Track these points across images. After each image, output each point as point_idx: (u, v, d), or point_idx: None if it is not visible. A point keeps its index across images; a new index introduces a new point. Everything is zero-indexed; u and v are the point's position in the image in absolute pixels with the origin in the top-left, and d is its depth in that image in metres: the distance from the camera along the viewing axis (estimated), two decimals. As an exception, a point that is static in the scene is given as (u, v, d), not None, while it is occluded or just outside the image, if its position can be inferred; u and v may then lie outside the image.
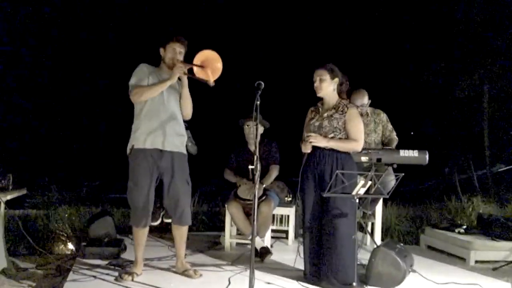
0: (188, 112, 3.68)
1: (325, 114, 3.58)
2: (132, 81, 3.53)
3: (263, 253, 4.22)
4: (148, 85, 3.49)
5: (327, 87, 3.56)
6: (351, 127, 3.52)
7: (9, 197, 3.89)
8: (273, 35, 10.46)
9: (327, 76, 3.54)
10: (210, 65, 3.44)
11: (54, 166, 9.30)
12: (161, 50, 3.63)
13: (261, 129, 4.62)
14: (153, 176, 3.53)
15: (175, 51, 3.56)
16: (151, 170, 3.51)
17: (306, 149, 3.52)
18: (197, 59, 3.45)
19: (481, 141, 10.34)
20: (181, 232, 3.71)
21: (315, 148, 3.52)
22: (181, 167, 3.62)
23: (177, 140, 3.61)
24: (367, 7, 10.43)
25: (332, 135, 3.51)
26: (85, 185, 7.65)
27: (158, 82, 3.49)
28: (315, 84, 3.57)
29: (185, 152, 3.70)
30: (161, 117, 3.52)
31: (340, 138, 3.52)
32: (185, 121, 4.91)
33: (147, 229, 3.64)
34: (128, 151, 3.59)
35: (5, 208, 3.91)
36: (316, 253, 3.54)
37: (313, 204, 3.55)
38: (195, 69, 3.47)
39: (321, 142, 3.48)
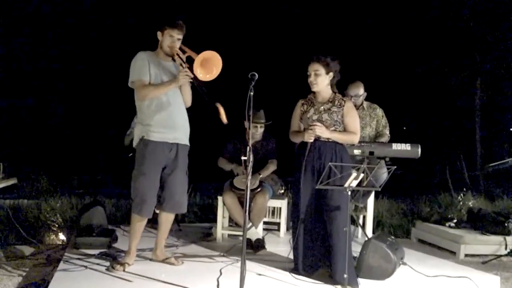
0: (189, 100, 3.68)
1: (322, 108, 3.57)
2: (134, 76, 3.50)
3: (257, 245, 4.23)
4: (153, 85, 3.47)
5: (322, 81, 3.53)
6: (349, 120, 3.55)
7: (-1, 186, 3.86)
8: (268, 25, 10.41)
9: (322, 71, 3.50)
10: (209, 66, 3.32)
11: (46, 157, 9.23)
12: (159, 34, 3.57)
13: (262, 129, 4.66)
14: (160, 168, 3.55)
15: (173, 38, 3.51)
16: (160, 162, 3.53)
17: (309, 138, 3.48)
18: (200, 59, 3.28)
19: (473, 137, 10.41)
20: (169, 221, 3.73)
21: (315, 140, 3.50)
22: (184, 159, 3.66)
23: (184, 132, 3.65)
24: (361, 1, 10.43)
25: (333, 128, 3.52)
26: (76, 178, 7.61)
27: (162, 84, 3.48)
28: (310, 79, 3.53)
29: (188, 143, 3.71)
30: (171, 111, 3.53)
31: (339, 131, 3.55)
32: None
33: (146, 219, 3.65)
34: (136, 141, 3.58)
35: (-5, 197, 3.88)
36: (309, 244, 3.55)
37: (310, 196, 3.53)
38: (197, 71, 3.29)
39: (325, 133, 3.48)
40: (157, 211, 3.99)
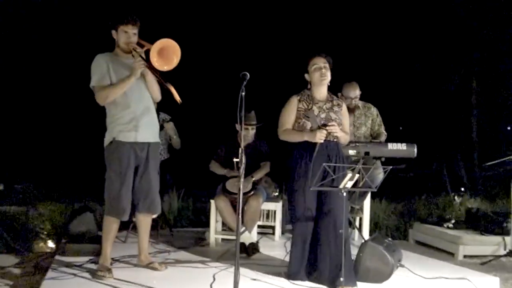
0: (157, 95, 3.59)
1: (325, 106, 3.51)
2: (94, 82, 3.41)
3: (251, 249, 4.14)
4: (111, 84, 3.37)
5: (329, 76, 3.49)
6: (345, 121, 3.61)
7: (-15, 192, 3.77)
8: (260, 25, 10.30)
9: (328, 66, 3.47)
10: (167, 55, 3.27)
11: (34, 163, 9.10)
12: (113, 32, 3.46)
13: (254, 131, 4.59)
14: (133, 167, 3.48)
15: (128, 34, 3.42)
16: (132, 161, 3.46)
17: (321, 138, 3.36)
18: (156, 48, 3.22)
19: (470, 137, 10.39)
20: (147, 222, 3.67)
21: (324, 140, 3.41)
22: (155, 157, 3.60)
23: (153, 130, 3.58)
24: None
25: (340, 127, 3.50)
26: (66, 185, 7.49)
27: (120, 81, 3.37)
28: (323, 70, 3.44)
29: (158, 140, 3.66)
30: (137, 109, 3.45)
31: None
32: (168, 113, 4.82)
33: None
34: (106, 142, 3.49)
35: (-19, 205, 3.79)
36: (306, 247, 3.46)
37: (314, 199, 3.43)
38: (154, 60, 3.23)
39: (339, 132, 3.45)
40: (134, 219, 3.88)
